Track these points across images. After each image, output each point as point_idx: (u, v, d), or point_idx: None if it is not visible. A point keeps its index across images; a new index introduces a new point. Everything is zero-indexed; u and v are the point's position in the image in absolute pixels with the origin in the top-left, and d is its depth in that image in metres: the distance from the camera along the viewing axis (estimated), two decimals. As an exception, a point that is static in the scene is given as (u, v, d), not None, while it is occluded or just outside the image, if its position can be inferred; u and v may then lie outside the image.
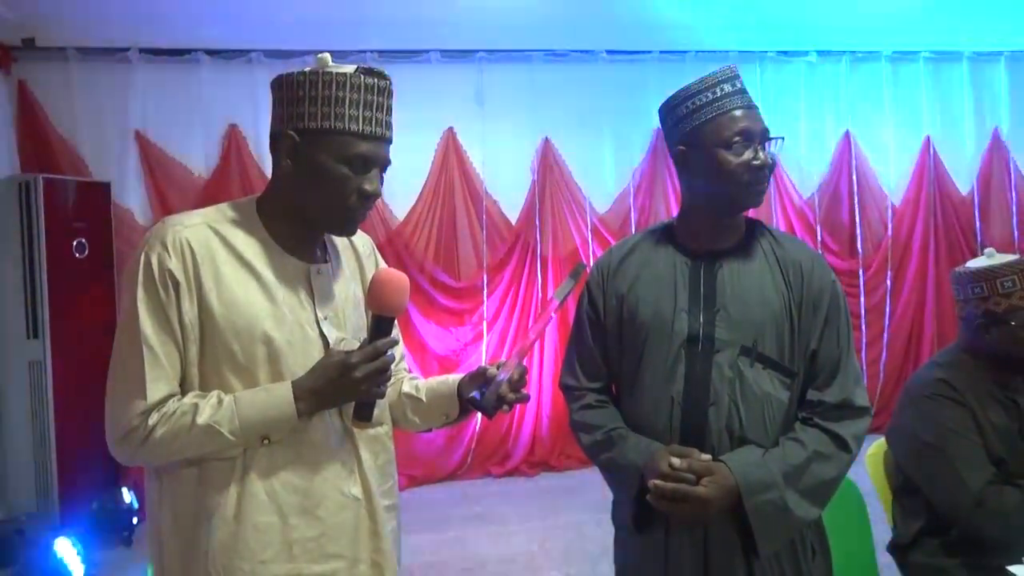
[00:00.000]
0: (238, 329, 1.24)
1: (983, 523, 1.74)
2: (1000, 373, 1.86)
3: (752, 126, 1.43)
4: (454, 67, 4.65)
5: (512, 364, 1.39)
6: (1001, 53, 5.28)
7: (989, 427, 1.81)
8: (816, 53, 5.04)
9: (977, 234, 5.31)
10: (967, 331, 1.91)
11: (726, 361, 1.44)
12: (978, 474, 1.75)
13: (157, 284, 1.21)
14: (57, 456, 3.70)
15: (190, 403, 1.21)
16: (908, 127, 5.22)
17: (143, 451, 1.21)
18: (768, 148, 1.45)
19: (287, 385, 1.25)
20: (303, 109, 1.25)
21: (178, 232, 1.24)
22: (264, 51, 4.35)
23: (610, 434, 1.51)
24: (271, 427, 1.24)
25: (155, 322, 1.21)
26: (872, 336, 5.19)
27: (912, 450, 1.89)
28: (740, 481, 1.36)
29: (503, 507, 4.18)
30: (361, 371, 1.23)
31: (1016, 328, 1.80)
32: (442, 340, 4.71)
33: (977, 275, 1.85)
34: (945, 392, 1.84)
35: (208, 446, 1.22)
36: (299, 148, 1.26)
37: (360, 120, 1.25)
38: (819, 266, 1.51)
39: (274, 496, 1.26)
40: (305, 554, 1.27)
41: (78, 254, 3.87)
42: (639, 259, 1.58)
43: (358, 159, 1.25)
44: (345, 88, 1.24)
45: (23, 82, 4.16)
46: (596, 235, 4.84)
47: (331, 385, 1.25)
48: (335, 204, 1.27)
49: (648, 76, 4.77)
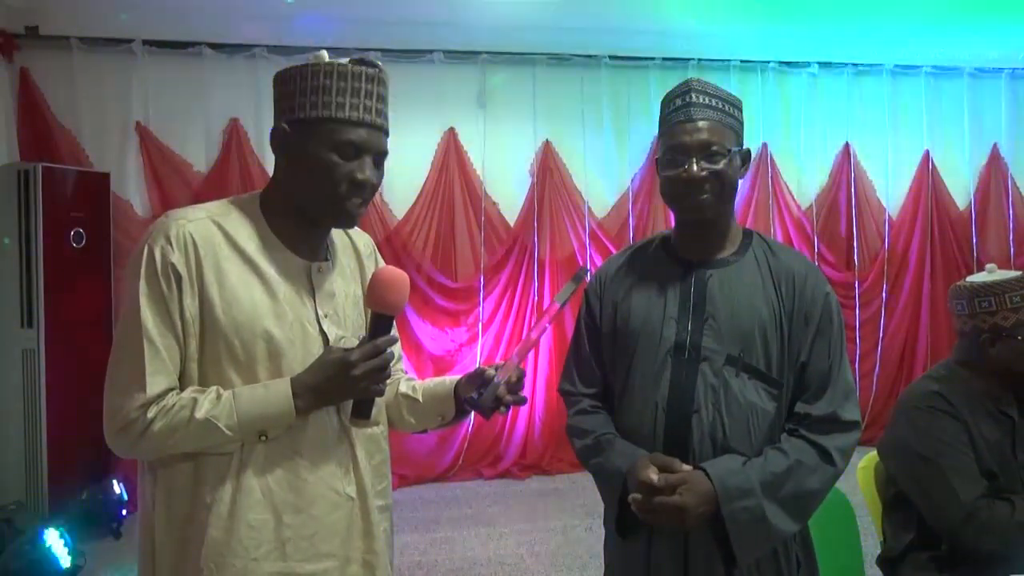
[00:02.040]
0: (239, 324, 1.24)
1: (974, 536, 1.74)
2: (995, 388, 1.87)
3: (687, 140, 1.45)
4: (457, 68, 4.66)
5: (511, 366, 1.38)
6: (1002, 70, 5.31)
7: (982, 441, 1.81)
8: (818, 65, 5.06)
9: (973, 249, 5.33)
10: (967, 345, 1.91)
11: (711, 370, 1.45)
12: (970, 487, 1.76)
13: (159, 277, 1.21)
14: (48, 446, 3.69)
15: (189, 397, 1.21)
16: (908, 141, 5.25)
17: (141, 444, 1.21)
18: (710, 163, 1.44)
19: (286, 381, 1.24)
20: (294, 102, 1.25)
21: (182, 226, 1.24)
22: (267, 46, 4.36)
23: (599, 439, 1.53)
24: (269, 423, 1.23)
25: (156, 315, 1.21)
26: (866, 349, 5.21)
27: (905, 461, 1.89)
28: (717, 487, 1.36)
29: (493, 509, 4.18)
30: (360, 369, 1.23)
31: (1022, 343, 1.80)
32: (437, 340, 4.71)
33: (985, 289, 1.85)
34: (940, 405, 1.85)
35: (206, 441, 1.22)
36: (290, 140, 1.27)
37: (347, 107, 1.24)
38: (813, 277, 1.51)
39: (268, 493, 1.25)
40: (297, 552, 1.27)
41: (75, 244, 3.86)
42: (634, 268, 1.61)
43: (347, 145, 1.25)
44: (332, 77, 1.24)
45: (25, 70, 4.16)
46: (594, 239, 4.85)
47: (330, 382, 1.24)
48: (327, 193, 1.26)
49: (650, 83, 4.78)
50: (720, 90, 1.50)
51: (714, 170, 1.44)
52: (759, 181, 5.02)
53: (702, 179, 1.44)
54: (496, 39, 4.63)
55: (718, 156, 1.44)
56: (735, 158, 1.48)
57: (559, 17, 4.47)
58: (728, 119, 1.48)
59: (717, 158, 1.44)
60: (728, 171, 1.46)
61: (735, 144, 1.48)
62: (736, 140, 1.49)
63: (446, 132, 4.68)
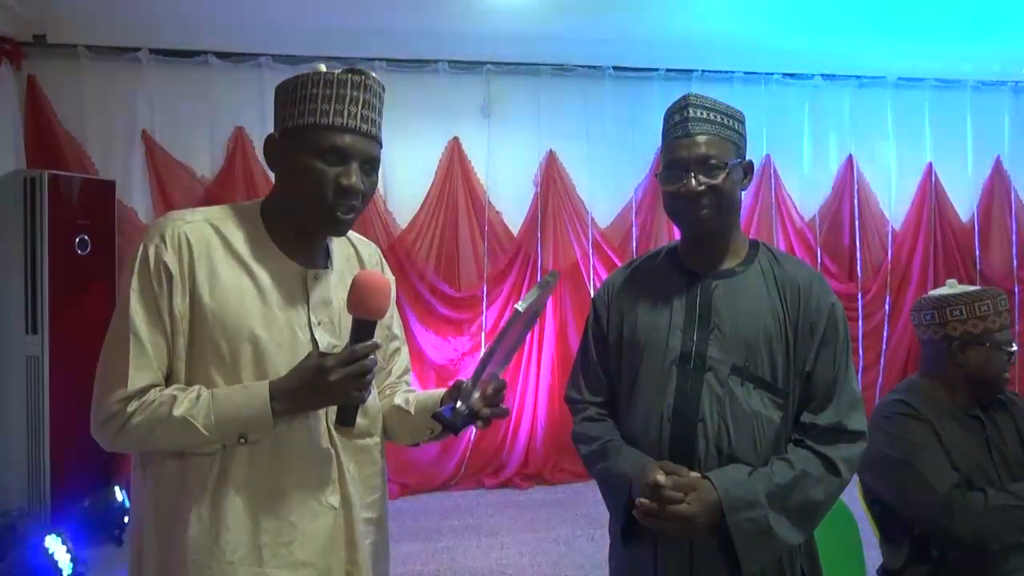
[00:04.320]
0: (226, 326, 1.25)
1: (954, 523, 1.79)
2: (960, 395, 1.97)
3: (684, 155, 1.47)
4: (461, 78, 4.68)
5: (484, 380, 1.31)
6: (1005, 83, 5.32)
7: (949, 443, 1.89)
8: (821, 77, 5.08)
9: (976, 261, 5.33)
10: (932, 355, 2.01)
11: (716, 379, 1.46)
12: (944, 479, 1.83)
13: (151, 275, 1.24)
14: (51, 452, 3.70)
15: (169, 395, 1.23)
16: (911, 153, 5.25)
17: (121, 437, 1.23)
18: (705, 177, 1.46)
19: (264, 385, 1.24)
20: (285, 112, 1.29)
21: (178, 226, 1.27)
22: (273, 56, 4.38)
23: (605, 445, 1.54)
24: (247, 425, 1.23)
25: (146, 312, 1.23)
26: (869, 361, 5.20)
27: (880, 469, 1.94)
28: (722, 497, 1.37)
29: (495, 519, 4.17)
30: (336, 375, 1.20)
31: (990, 349, 1.92)
32: (440, 349, 4.71)
33: (955, 299, 1.96)
34: (904, 411, 1.95)
35: (183, 439, 1.23)
36: (280, 149, 1.30)
37: (332, 113, 1.25)
38: (818, 287, 1.51)
39: (248, 498, 1.26)
40: (274, 559, 1.27)
41: (81, 251, 3.88)
42: (642, 278, 1.63)
43: (332, 151, 1.25)
44: (319, 86, 1.26)
45: (33, 78, 4.19)
46: (597, 249, 4.86)
47: (306, 388, 1.23)
48: (314, 200, 1.27)
49: (653, 93, 4.80)
50: (719, 103, 1.51)
51: (712, 184, 1.45)
52: (762, 192, 5.03)
53: (700, 193, 1.46)
54: (500, 49, 4.66)
55: (716, 170, 1.46)
56: (735, 171, 1.49)
57: (563, 28, 4.49)
58: (727, 132, 1.49)
59: (715, 172, 1.46)
60: (726, 184, 1.47)
61: (735, 156, 1.49)
62: (736, 152, 1.50)
63: (450, 141, 4.69)
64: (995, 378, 1.94)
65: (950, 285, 2.03)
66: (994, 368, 1.93)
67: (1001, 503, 1.79)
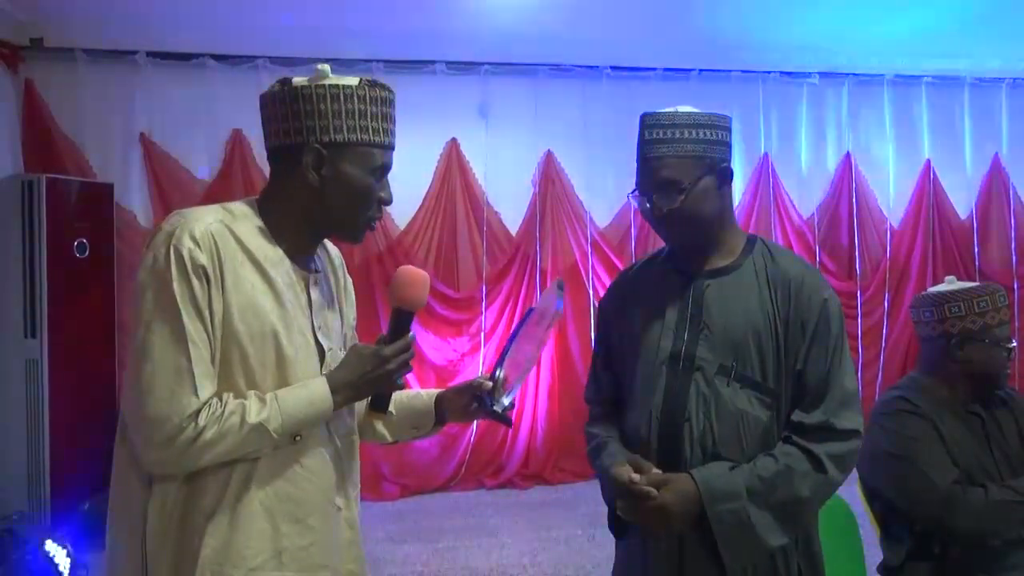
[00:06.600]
0: (253, 331, 1.23)
1: (954, 519, 1.80)
2: (959, 391, 1.97)
3: (643, 180, 1.50)
4: (459, 79, 4.68)
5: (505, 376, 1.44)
6: (1003, 80, 5.32)
7: (950, 439, 1.90)
8: (819, 75, 5.08)
9: (975, 258, 5.33)
10: (931, 353, 2.01)
11: (704, 379, 1.46)
12: (944, 474, 1.83)
13: (191, 277, 1.17)
14: (50, 456, 3.69)
15: (236, 403, 1.19)
16: (909, 150, 5.26)
17: (189, 454, 1.16)
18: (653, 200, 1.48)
19: (323, 380, 1.27)
20: (327, 122, 1.25)
21: (207, 225, 1.22)
22: (270, 58, 4.38)
23: (599, 442, 1.59)
24: (308, 423, 1.25)
25: (197, 318, 1.18)
26: (868, 358, 5.20)
27: (879, 466, 1.95)
28: (702, 489, 1.38)
29: (496, 519, 4.17)
30: (393, 363, 1.30)
31: (989, 345, 1.92)
32: (439, 350, 4.71)
33: (954, 295, 1.96)
34: (904, 407, 1.95)
35: (250, 447, 1.20)
36: (325, 161, 1.27)
37: (380, 132, 1.30)
38: (810, 283, 1.49)
39: (267, 503, 1.24)
40: (294, 563, 1.26)
41: (79, 254, 3.87)
42: (643, 280, 1.65)
43: (380, 169, 1.31)
44: (366, 102, 1.28)
45: (30, 81, 4.18)
46: (596, 249, 4.85)
47: (364, 377, 1.29)
48: (360, 213, 1.32)
49: (651, 93, 4.79)
50: (682, 114, 1.47)
51: (671, 208, 1.46)
52: (760, 190, 5.02)
53: (663, 216, 1.48)
54: (498, 50, 4.66)
55: (675, 193, 1.45)
56: (702, 185, 1.46)
57: (560, 28, 4.49)
58: (690, 146, 1.45)
59: (674, 196, 1.46)
60: (689, 203, 1.46)
61: (700, 170, 1.46)
62: (702, 165, 1.46)
63: (448, 142, 4.69)
64: (994, 374, 1.95)
65: (949, 282, 2.03)
66: (993, 364, 1.94)
67: (1001, 499, 1.80)
